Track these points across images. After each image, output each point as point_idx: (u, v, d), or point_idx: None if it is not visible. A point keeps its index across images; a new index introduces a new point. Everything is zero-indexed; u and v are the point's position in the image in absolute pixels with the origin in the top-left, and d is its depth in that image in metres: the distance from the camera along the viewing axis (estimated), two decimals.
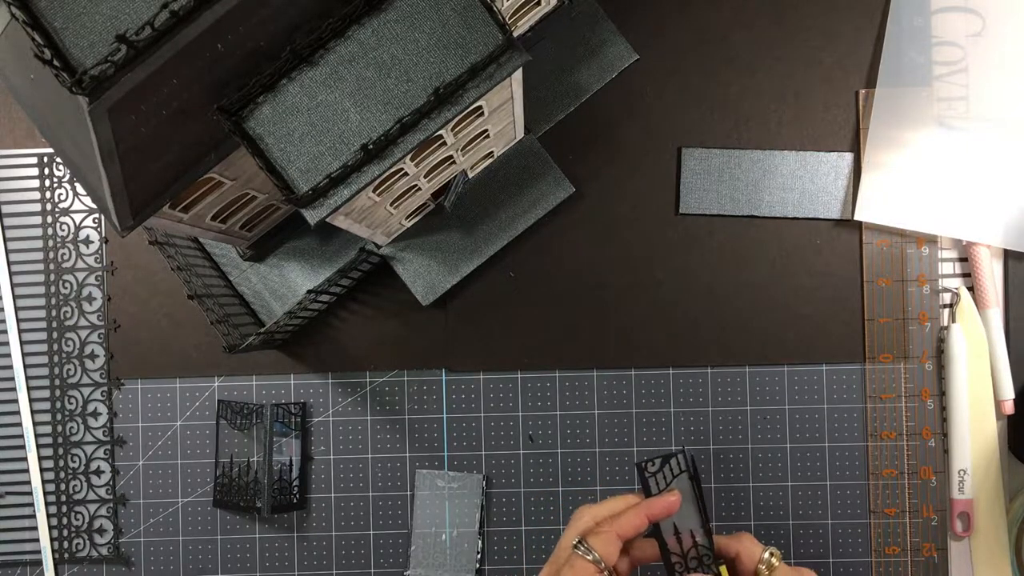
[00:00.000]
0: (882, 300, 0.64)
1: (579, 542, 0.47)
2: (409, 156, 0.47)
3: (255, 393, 0.66)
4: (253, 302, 0.65)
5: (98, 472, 0.65)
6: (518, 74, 0.48)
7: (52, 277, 0.66)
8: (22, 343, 0.66)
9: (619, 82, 0.65)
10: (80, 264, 0.66)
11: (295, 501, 0.64)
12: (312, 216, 0.45)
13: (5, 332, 0.66)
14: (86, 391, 0.65)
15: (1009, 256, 0.64)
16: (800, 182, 0.65)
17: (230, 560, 0.65)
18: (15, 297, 0.66)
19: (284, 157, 0.44)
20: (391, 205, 0.55)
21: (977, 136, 0.63)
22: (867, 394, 0.64)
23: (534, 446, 0.65)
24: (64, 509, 0.65)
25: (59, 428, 0.65)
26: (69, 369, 0.65)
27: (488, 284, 0.65)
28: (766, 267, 0.65)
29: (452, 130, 0.49)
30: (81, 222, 0.66)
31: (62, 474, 0.65)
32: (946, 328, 0.64)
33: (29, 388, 0.66)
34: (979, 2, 0.64)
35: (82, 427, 0.65)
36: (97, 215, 0.66)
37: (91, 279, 0.66)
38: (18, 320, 0.66)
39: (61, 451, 0.65)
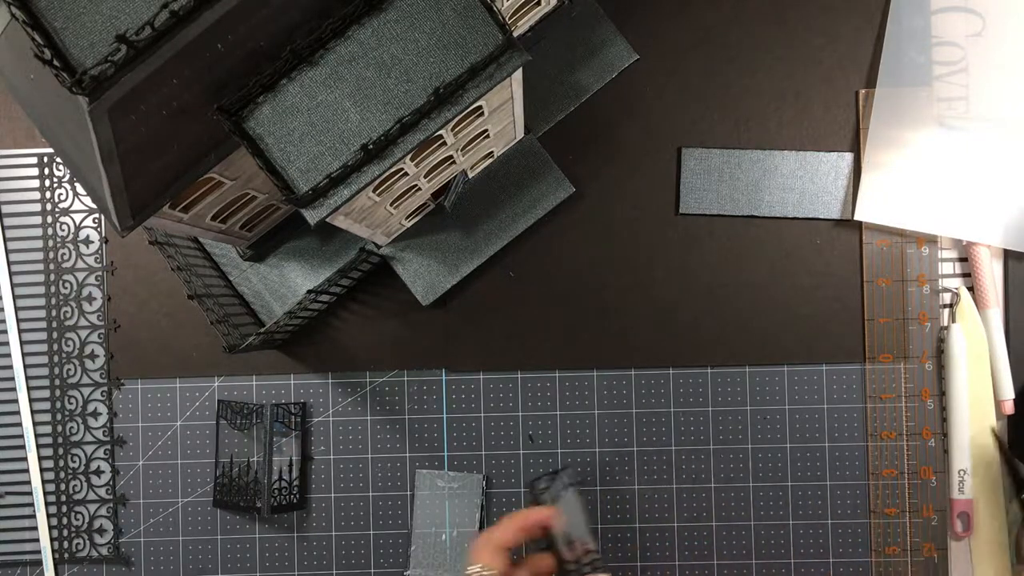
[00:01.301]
0: (882, 300, 0.64)
1: (470, 566, 0.51)
2: (409, 156, 0.47)
3: (255, 393, 0.66)
4: (253, 302, 0.65)
5: (98, 472, 0.65)
6: (518, 74, 0.48)
7: (52, 277, 0.66)
8: (22, 343, 0.66)
9: (619, 82, 0.65)
10: (80, 264, 0.66)
11: (295, 501, 0.64)
12: (312, 216, 0.45)
13: (5, 332, 0.66)
14: (86, 391, 0.65)
15: (1009, 256, 0.64)
16: (800, 182, 0.65)
17: (230, 560, 0.65)
18: (15, 297, 0.66)
19: (284, 157, 0.44)
20: (391, 205, 0.55)
21: (977, 136, 0.63)
22: (867, 394, 0.64)
23: (534, 446, 0.65)
24: (64, 509, 0.65)
25: (59, 428, 0.65)
26: (69, 369, 0.65)
27: (488, 284, 0.65)
28: (766, 267, 0.65)
29: (452, 130, 0.49)
30: (81, 222, 0.66)
31: (62, 474, 0.65)
32: (946, 328, 0.64)
33: (29, 388, 0.66)
34: (979, 2, 0.64)
35: (82, 427, 0.65)
36: (97, 215, 0.66)
37: (91, 279, 0.66)
38: (18, 320, 0.66)
39: (61, 451, 0.65)
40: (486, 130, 0.54)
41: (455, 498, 0.64)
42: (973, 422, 0.63)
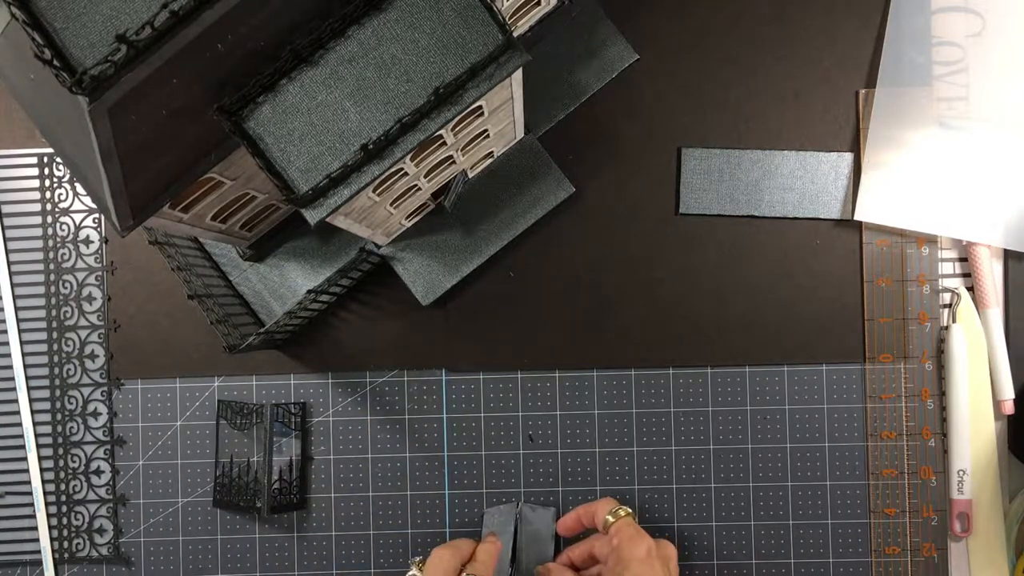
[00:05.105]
0: (882, 300, 0.64)
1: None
2: (409, 156, 0.47)
3: (255, 393, 0.65)
4: (253, 302, 0.65)
5: (98, 472, 0.65)
6: (518, 74, 0.48)
7: (52, 277, 0.66)
8: (22, 343, 0.66)
9: (619, 82, 0.65)
10: (80, 264, 0.66)
11: (295, 501, 0.64)
12: (312, 216, 0.45)
13: (5, 332, 0.66)
14: (86, 391, 0.65)
15: (1009, 256, 0.64)
16: (800, 182, 0.65)
17: (230, 560, 0.65)
18: (15, 297, 0.66)
19: (284, 157, 0.44)
20: (391, 205, 0.55)
21: (977, 136, 0.63)
22: (867, 394, 0.64)
23: (534, 446, 0.65)
24: (64, 509, 0.65)
25: (59, 428, 0.65)
26: (69, 369, 0.65)
27: (488, 284, 0.65)
28: (766, 267, 0.65)
29: (452, 130, 0.49)
30: (81, 222, 0.66)
31: (62, 474, 0.65)
32: (946, 328, 0.64)
33: (29, 388, 0.66)
34: (979, 2, 0.64)
35: (82, 427, 0.65)
36: (97, 215, 0.66)
37: (91, 279, 0.66)
38: (18, 320, 0.66)
39: (61, 451, 0.65)
40: (486, 130, 0.54)
41: (528, 532, 0.63)
42: (973, 422, 0.63)
